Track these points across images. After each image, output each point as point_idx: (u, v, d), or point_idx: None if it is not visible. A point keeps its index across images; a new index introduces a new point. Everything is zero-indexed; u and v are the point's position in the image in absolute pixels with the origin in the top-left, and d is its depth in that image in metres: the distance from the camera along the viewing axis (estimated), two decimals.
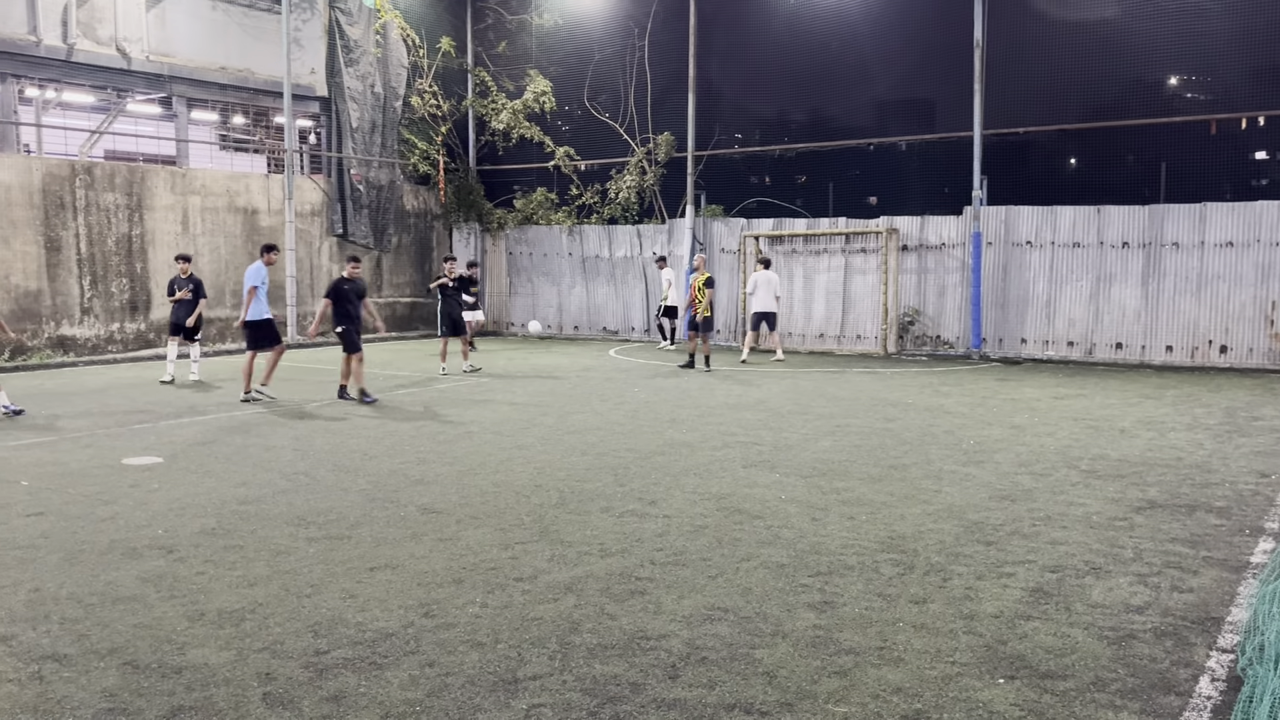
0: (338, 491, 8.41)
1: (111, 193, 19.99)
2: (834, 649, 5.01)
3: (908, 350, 20.72)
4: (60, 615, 5.50)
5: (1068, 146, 20.97)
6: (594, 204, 25.06)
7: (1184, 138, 18.60)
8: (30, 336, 18.77)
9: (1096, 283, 18.93)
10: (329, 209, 24.22)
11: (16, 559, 6.53)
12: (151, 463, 9.63)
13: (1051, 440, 10.74)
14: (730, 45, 23.59)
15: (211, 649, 5.01)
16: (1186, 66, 19.24)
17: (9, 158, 18.73)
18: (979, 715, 4.30)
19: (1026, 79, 19.59)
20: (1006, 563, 6.41)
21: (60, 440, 10.83)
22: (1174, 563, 6.42)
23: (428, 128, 26.00)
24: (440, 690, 4.55)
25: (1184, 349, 18.25)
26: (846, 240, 21.48)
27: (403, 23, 25.06)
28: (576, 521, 7.43)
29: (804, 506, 7.87)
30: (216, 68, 21.98)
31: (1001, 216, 19.64)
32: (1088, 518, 7.53)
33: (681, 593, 5.85)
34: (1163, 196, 18.64)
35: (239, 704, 4.41)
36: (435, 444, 10.56)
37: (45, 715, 4.30)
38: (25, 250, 18.69)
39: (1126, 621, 5.38)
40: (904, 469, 9.27)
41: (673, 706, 4.38)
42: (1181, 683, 4.63)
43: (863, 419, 12.17)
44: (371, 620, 5.41)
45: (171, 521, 7.47)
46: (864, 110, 22.99)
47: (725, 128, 23.82)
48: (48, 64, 19.32)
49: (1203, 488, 8.53)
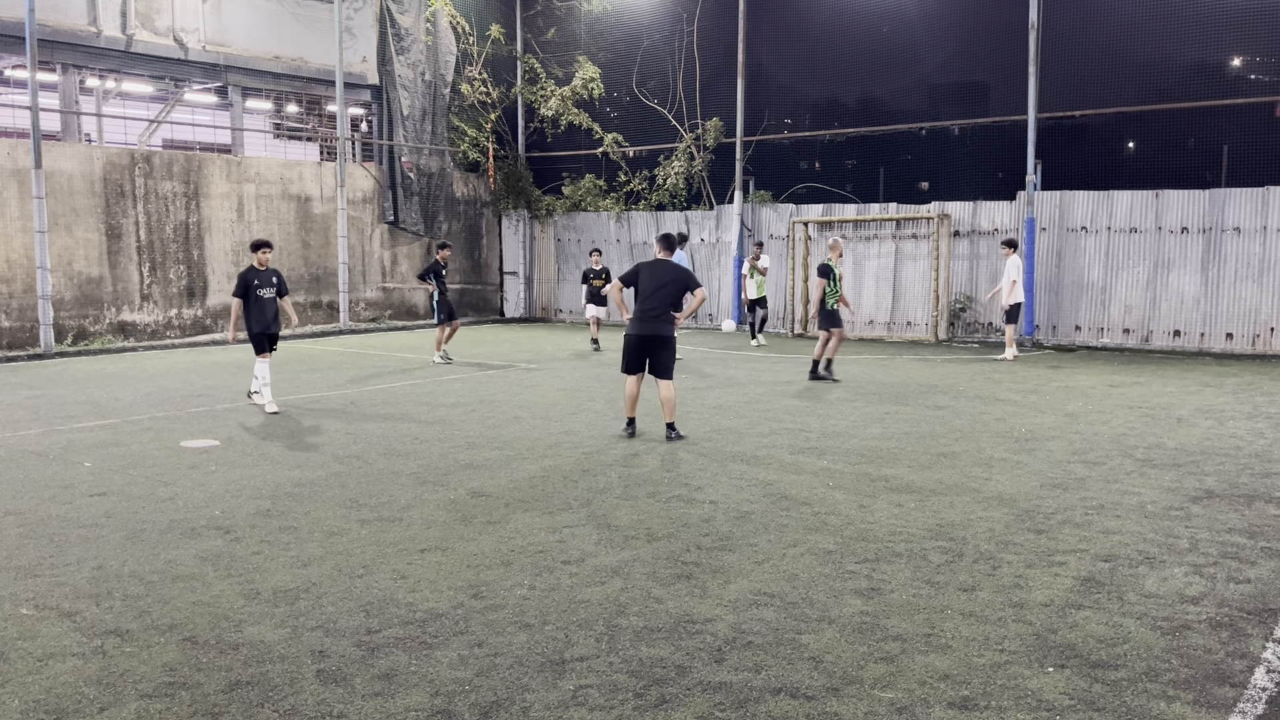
0: (389, 475, 8.54)
1: (169, 181, 20.39)
2: (881, 635, 5.00)
3: (959, 338, 20.48)
4: (123, 592, 5.66)
5: (1125, 130, 20.52)
6: (642, 190, 25.05)
7: (1247, 120, 18.12)
8: (92, 322, 19.23)
9: (1154, 269, 18.54)
10: (380, 196, 24.48)
11: (81, 537, 6.73)
12: (209, 446, 9.84)
13: (1106, 428, 10.57)
14: (779, 29, 23.39)
15: (267, 626, 5.13)
16: (1249, 46, 18.71)
17: (71, 147, 19.18)
18: (1028, 703, 4.27)
19: (1082, 60, 19.20)
20: (1058, 551, 6.34)
21: (122, 424, 11.10)
22: (1231, 553, 6.30)
23: (477, 115, 26.14)
24: (489, 670, 4.61)
25: (1245, 336, 17.82)
26: (897, 226, 21.26)
27: (452, 10, 25.20)
28: (624, 505, 7.47)
29: (851, 493, 7.83)
30: (271, 57, 22.28)
31: (1056, 201, 19.30)
32: (1142, 507, 7.41)
33: (728, 577, 5.86)
34: (1224, 180, 18.19)
35: (293, 680, 4.51)
36: (484, 428, 10.66)
37: (108, 688, 4.44)
38: (87, 237, 19.14)
39: (1181, 612, 5.30)
40: (953, 456, 9.18)
41: (718, 689, 4.41)
42: (1236, 674, 4.55)
43: (912, 406, 12.07)
44: (422, 601, 5.50)
45: (228, 503, 7.64)
46: (915, 94, 22.68)
47: (774, 113, 23.65)
48: (107, 54, 19.73)
49: (1263, 477, 8.34)
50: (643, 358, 9.99)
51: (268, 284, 11.79)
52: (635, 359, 10.02)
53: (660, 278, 9.87)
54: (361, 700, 4.31)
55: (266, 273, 11.80)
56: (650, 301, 9.82)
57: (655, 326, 9.87)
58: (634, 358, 10.02)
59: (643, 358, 9.99)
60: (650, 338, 9.90)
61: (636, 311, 9.96)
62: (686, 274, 10.10)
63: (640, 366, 10.04)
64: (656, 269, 9.97)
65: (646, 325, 9.88)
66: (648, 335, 9.90)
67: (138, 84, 22.07)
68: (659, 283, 9.84)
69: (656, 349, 9.93)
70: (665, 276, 9.89)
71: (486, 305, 27.31)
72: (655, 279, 9.86)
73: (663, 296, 9.83)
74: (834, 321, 14.35)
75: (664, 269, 9.97)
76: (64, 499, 7.75)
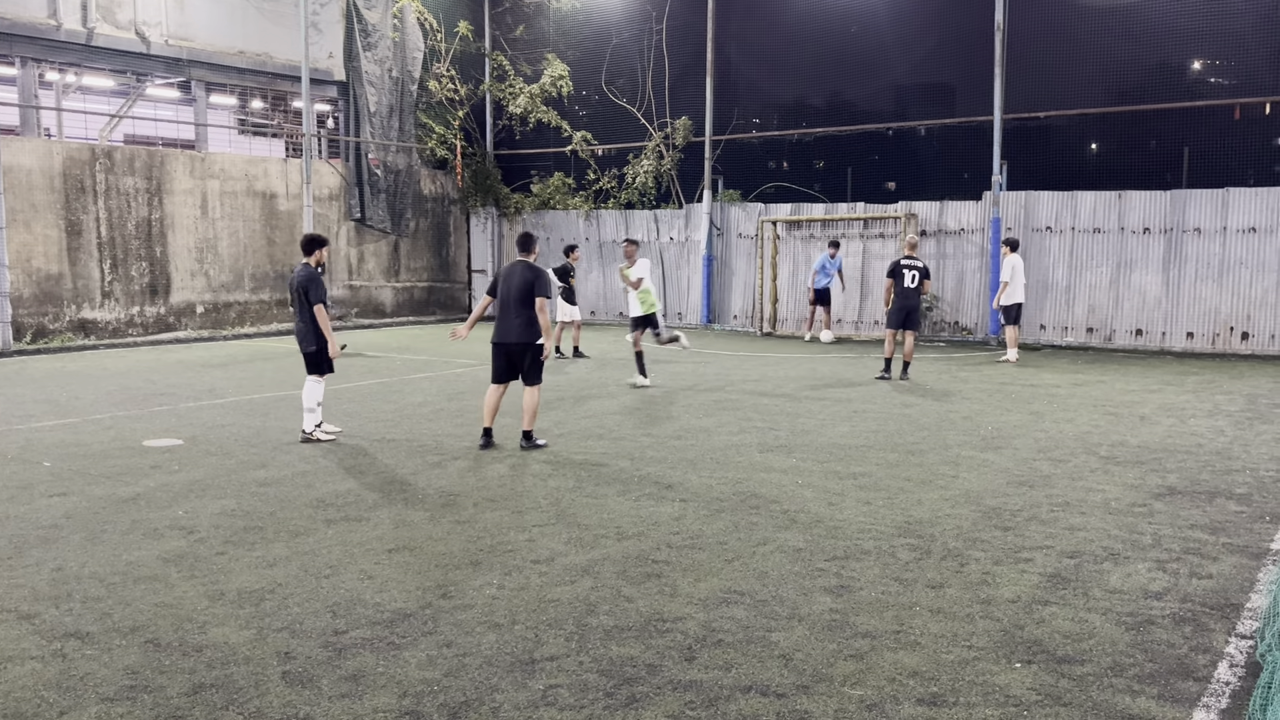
0: (355, 474, 8.46)
1: (131, 177, 20.09)
2: (850, 632, 5.01)
3: (926, 336, 20.63)
4: (83, 594, 5.56)
5: (1089, 131, 20.77)
6: (611, 189, 25.02)
7: (1207, 122, 18.40)
8: (52, 320, 18.92)
9: (1117, 269, 18.78)
10: (347, 193, 24.27)
11: (40, 538, 6.60)
12: (172, 445, 9.70)
13: (1070, 426, 10.68)
14: (748, 29, 23.45)
15: (231, 628, 5.06)
16: (1210, 50, 19.01)
17: (30, 142, 18.85)
18: (995, 699, 4.30)
19: (1047, 63, 19.40)
20: (1024, 548, 6.39)
21: (82, 422, 10.92)
22: (1193, 549, 6.39)
23: (445, 112, 25.99)
24: (457, 670, 4.58)
25: (1205, 335, 18.09)
26: (865, 225, 21.38)
27: (420, 7, 25.03)
28: (593, 505, 7.45)
29: (820, 491, 7.86)
30: (235, 52, 22.02)
31: (1021, 202, 19.49)
32: (1107, 504, 7.50)
33: (698, 576, 5.86)
34: (1185, 182, 18.45)
35: (259, 682, 4.45)
36: (452, 427, 10.59)
37: (68, 692, 4.35)
38: (46, 234, 18.82)
39: (1145, 607, 5.36)
40: (921, 454, 9.24)
41: (689, 688, 4.40)
42: (1200, 668, 4.61)
43: (880, 404, 12.14)
44: (389, 601, 5.45)
45: (192, 503, 7.53)
46: (883, 94, 22.83)
47: (743, 112, 23.70)
48: (68, 48, 19.40)
49: (1223, 474, 8.47)
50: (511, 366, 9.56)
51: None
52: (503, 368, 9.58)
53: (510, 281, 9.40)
54: (328, 702, 4.26)
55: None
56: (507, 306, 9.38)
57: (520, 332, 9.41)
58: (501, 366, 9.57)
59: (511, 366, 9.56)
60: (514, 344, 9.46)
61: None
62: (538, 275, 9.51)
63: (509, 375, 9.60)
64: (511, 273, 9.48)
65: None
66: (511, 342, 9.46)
67: (99, 78, 21.72)
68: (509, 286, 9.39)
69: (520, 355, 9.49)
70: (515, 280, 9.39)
71: (454, 303, 27.16)
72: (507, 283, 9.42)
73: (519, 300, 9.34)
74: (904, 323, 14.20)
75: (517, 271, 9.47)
76: (22, 499, 7.60)
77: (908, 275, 14.22)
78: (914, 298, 14.27)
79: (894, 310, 14.32)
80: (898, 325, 14.30)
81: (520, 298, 9.34)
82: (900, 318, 14.27)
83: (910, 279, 14.23)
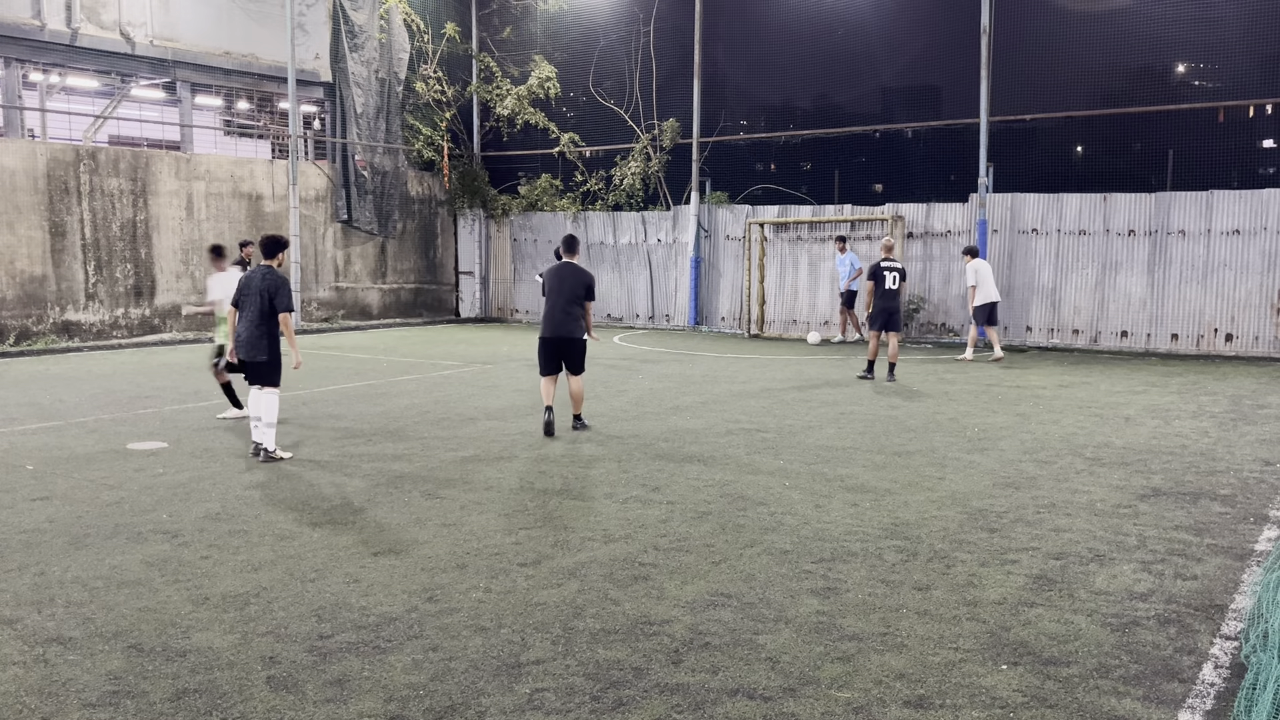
0: (341, 477, 8.43)
1: (116, 178, 19.98)
2: (837, 635, 5.01)
3: (912, 338, 20.68)
4: (65, 599, 5.52)
5: (1074, 134, 20.86)
6: (599, 190, 25.00)
7: (1191, 125, 18.50)
8: (35, 322, 18.80)
9: (1102, 271, 18.86)
10: (333, 195, 24.20)
11: (22, 542, 6.55)
12: (156, 448, 9.65)
13: (1056, 428, 10.72)
14: (736, 31, 23.49)
15: (216, 633, 5.03)
16: (1194, 53, 19.13)
17: (13, 143, 18.73)
18: (982, 701, 4.30)
19: (1033, 66, 19.48)
20: (1010, 550, 6.41)
21: (66, 425, 10.85)
22: (1178, 550, 6.41)
23: (432, 113, 25.94)
24: (443, 674, 4.56)
25: (1189, 337, 18.19)
26: (852, 227, 21.42)
27: (407, 8, 24.98)
28: (580, 508, 7.44)
29: (807, 493, 7.86)
30: (221, 53, 21.93)
31: (1007, 204, 19.57)
32: (1092, 505, 7.52)
33: (685, 578, 5.85)
34: (1169, 184, 18.55)
35: (243, 687, 4.42)
36: (439, 430, 10.56)
37: (50, 698, 4.32)
38: (30, 235, 18.70)
39: (1130, 608, 5.37)
40: (908, 456, 9.26)
41: (675, 691, 4.39)
42: (1185, 670, 4.62)
43: (867, 406, 12.16)
44: (375, 605, 5.42)
45: (176, 506, 7.48)
46: (870, 97, 22.90)
47: (730, 114, 23.73)
48: (52, 48, 19.29)
49: (1208, 475, 8.51)
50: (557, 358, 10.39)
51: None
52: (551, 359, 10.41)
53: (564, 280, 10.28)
54: (313, 707, 4.23)
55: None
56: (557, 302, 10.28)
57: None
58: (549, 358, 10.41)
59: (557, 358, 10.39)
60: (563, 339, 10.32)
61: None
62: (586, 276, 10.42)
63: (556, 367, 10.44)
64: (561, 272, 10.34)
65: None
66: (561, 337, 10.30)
67: (83, 78, 21.59)
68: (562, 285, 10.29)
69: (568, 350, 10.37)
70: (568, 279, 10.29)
71: (441, 305, 27.10)
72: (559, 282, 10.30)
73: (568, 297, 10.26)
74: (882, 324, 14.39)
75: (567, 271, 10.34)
76: (4, 503, 7.54)
77: (889, 277, 14.29)
78: (895, 299, 14.37)
79: (876, 312, 14.43)
80: (880, 327, 14.39)
81: (573, 297, 10.24)
82: (883, 319, 14.36)
83: (891, 280, 14.31)
